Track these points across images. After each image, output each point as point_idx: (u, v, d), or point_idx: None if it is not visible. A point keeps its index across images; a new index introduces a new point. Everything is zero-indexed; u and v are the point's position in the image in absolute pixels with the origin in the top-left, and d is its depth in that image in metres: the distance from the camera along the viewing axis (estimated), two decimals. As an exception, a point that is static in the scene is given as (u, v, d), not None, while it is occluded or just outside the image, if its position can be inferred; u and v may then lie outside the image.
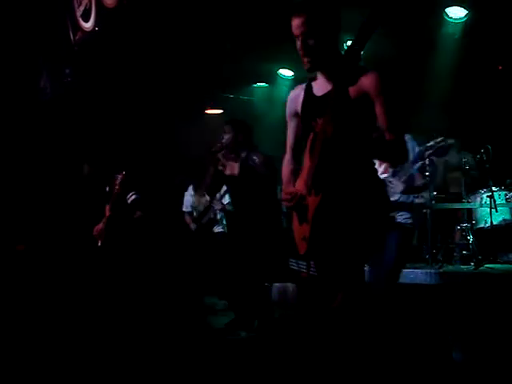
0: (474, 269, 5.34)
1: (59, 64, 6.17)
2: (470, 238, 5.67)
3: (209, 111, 8.41)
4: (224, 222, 6.37)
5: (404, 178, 4.23)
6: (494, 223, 5.67)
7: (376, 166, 2.95)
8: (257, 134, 7.64)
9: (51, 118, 6.42)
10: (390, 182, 4.19)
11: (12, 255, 6.11)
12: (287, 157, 3.07)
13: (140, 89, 7.05)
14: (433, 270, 4.88)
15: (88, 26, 5.56)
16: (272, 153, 6.76)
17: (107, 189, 5.82)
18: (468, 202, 5.95)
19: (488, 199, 5.63)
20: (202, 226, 6.51)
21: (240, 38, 6.72)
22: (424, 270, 4.97)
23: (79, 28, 5.66)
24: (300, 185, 2.79)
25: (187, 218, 6.66)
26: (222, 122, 5.65)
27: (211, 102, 8.13)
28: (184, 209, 6.70)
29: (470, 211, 6.01)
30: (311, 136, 2.71)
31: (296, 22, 2.76)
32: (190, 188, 6.74)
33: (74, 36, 5.74)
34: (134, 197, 5.73)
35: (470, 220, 5.91)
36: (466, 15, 6.30)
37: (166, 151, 7.13)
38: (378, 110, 2.68)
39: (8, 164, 6.35)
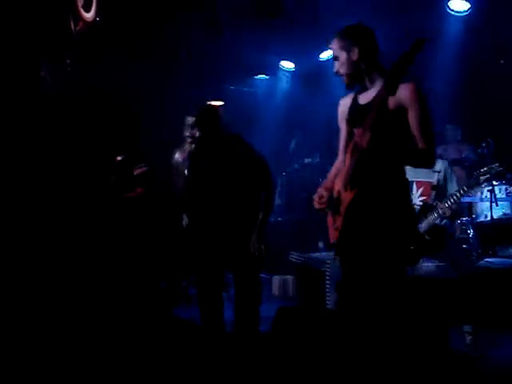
0: (473, 263, 5.34)
1: (60, 54, 6.15)
2: (470, 232, 5.66)
3: (210, 103, 8.38)
4: None
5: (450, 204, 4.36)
6: (495, 217, 5.66)
7: (413, 191, 4.05)
8: (258, 126, 7.66)
9: (52, 108, 6.40)
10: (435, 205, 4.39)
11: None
12: (339, 158, 3.35)
13: (141, 79, 7.03)
14: (432, 264, 4.88)
15: (89, 16, 5.53)
16: (272, 143, 6.78)
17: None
18: (468, 195, 5.94)
19: (488, 193, 5.62)
20: None
21: (241, 30, 6.71)
22: (424, 264, 4.97)
23: (80, 18, 5.63)
24: (338, 182, 3.16)
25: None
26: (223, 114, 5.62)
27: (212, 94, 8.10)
28: None
29: (470, 205, 6.00)
30: (351, 143, 3.05)
31: (335, 46, 3.12)
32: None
33: (75, 26, 5.72)
34: (143, 169, 5.68)
35: (470, 214, 5.90)
36: (468, 9, 6.29)
37: (165, 143, 7.10)
38: (412, 119, 2.93)
39: (9, 155, 6.34)
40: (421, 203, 4.51)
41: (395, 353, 2.94)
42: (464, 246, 5.67)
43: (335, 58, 3.13)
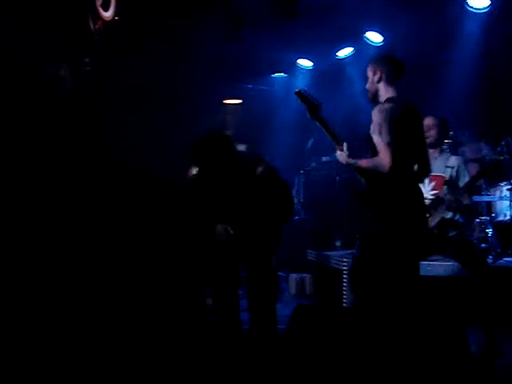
0: (492, 262, 5.31)
1: (79, 53, 6.20)
2: (489, 231, 5.62)
3: (227, 101, 8.39)
4: None
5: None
6: (514, 217, 5.63)
7: (425, 185, 4.37)
8: (275, 124, 7.66)
9: (72, 107, 6.45)
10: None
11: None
12: None
13: (159, 78, 7.06)
14: (450, 263, 4.85)
15: (108, 15, 5.58)
16: (290, 141, 6.78)
17: None
18: (487, 194, 5.90)
19: (508, 192, 5.59)
20: None
21: (259, 28, 6.71)
22: (441, 263, 4.95)
23: (99, 17, 5.68)
24: None
25: None
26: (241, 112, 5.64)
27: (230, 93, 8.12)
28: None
29: (489, 204, 5.96)
30: None
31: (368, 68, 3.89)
32: None
33: (94, 25, 5.76)
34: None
35: (489, 213, 5.86)
36: (488, 5, 6.24)
37: (184, 141, 7.12)
38: None
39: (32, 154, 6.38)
40: (432, 197, 4.51)
41: (412, 352, 2.93)
42: (483, 245, 5.63)
43: (367, 77, 3.89)
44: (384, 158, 3.53)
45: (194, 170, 5.87)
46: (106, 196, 6.48)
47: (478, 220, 5.80)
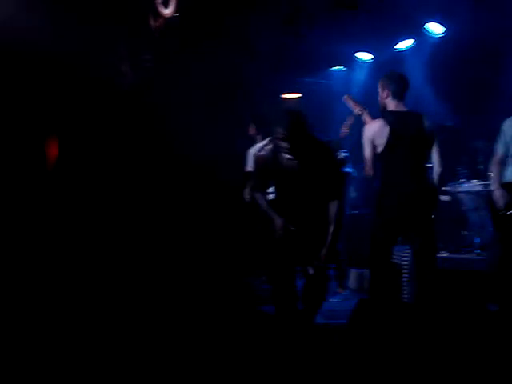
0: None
1: (140, 50, 6.31)
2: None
3: (286, 95, 8.40)
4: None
5: None
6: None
7: None
8: (333, 117, 7.60)
9: (133, 102, 6.56)
10: None
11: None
12: None
13: (219, 73, 7.12)
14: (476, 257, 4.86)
15: (168, 12, 5.66)
16: (348, 135, 6.69)
17: None
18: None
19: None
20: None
21: (318, 21, 6.68)
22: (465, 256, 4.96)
23: (159, 14, 5.77)
24: None
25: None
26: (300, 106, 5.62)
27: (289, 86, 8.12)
28: (249, 168, 6.56)
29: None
30: None
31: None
32: (254, 146, 6.55)
33: (155, 22, 5.86)
34: None
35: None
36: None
37: (243, 135, 7.16)
38: None
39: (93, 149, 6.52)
40: None
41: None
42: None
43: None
44: (366, 168, 4.37)
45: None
46: (167, 189, 6.59)
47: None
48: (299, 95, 8.49)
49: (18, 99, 5.98)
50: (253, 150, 6.38)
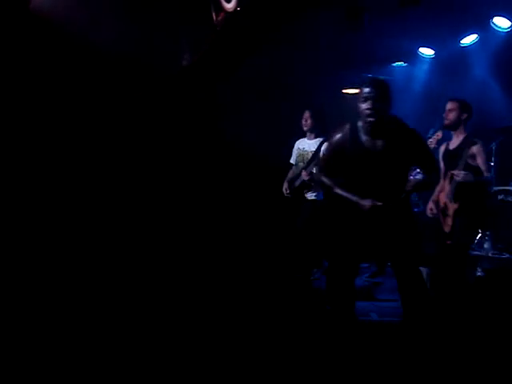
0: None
1: (201, 42, 6.38)
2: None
3: (347, 90, 8.33)
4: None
5: None
6: None
7: None
8: (395, 113, 7.50)
9: (191, 93, 6.66)
10: None
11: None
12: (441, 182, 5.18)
13: (278, 68, 7.14)
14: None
15: (230, 6, 5.68)
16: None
17: None
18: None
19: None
20: (294, 188, 6.31)
21: (381, 16, 6.60)
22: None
23: (221, 8, 5.80)
24: (443, 197, 5.19)
25: (290, 172, 6.49)
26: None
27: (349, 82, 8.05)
28: (291, 160, 6.59)
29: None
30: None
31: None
32: (302, 140, 6.50)
33: (217, 16, 5.89)
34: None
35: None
36: None
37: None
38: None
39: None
40: None
41: None
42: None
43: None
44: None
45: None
46: (211, 177, 6.65)
47: None
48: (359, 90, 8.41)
49: (80, 90, 6.16)
50: (300, 144, 6.39)
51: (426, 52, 8.04)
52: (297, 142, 6.45)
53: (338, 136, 3.92)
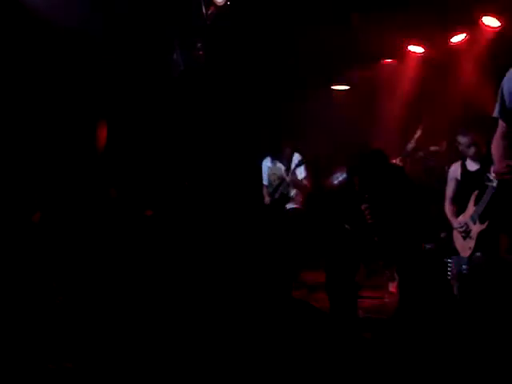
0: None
1: (191, 38, 6.34)
2: None
3: (335, 87, 8.33)
4: (296, 197, 6.29)
5: None
6: None
7: None
8: (383, 111, 7.52)
9: (184, 90, 6.61)
10: None
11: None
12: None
13: (267, 62, 7.11)
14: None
15: (220, 0, 5.66)
16: (398, 129, 6.64)
17: None
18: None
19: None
20: (275, 201, 6.41)
21: (369, 14, 6.60)
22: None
23: (211, 2, 5.78)
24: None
25: (264, 191, 6.61)
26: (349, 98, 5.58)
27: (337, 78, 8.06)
28: (263, 181, 6.64)
29: None
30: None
31: None
32: (268, 159, 6.63)
33: (207, 10, 5.87)
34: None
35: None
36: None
37: (288, 125, 7.16)
38: None
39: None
40: None
41: None
42: None
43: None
44: None
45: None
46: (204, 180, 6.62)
47: None
48: (348, 87, 8.43)
49: (70, 86, 6.09)
50: (268, 163, 6.53)
51: (415, 49, 8.05)
52: (264, 162, 6.59)
53: (335, 185, 4.36)
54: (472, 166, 5.18)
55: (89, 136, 5.73)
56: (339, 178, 6.17)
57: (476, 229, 4.90)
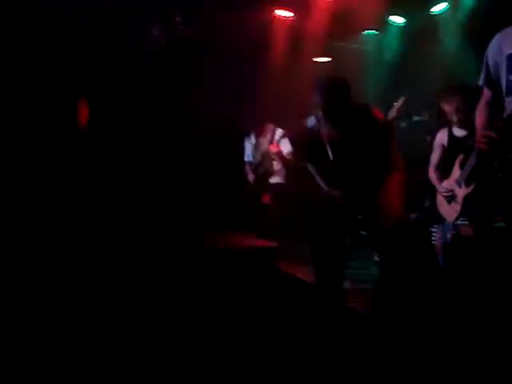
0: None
1: (171, 12, 6.28)
2: None
3: (317, 59, 8.29)
4: (280, 172, 6.37)
5: None
6: None
7: None
8: (366, 83, 7.50)
9: (164, 65, 6.55)
10: None
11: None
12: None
13: (248, 35, 7.05)
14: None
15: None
16: (380, 100, 6.62)
17: None
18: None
19: None
20: (258, 177, 6.48)
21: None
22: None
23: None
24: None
25: (247, 168, 6.66)
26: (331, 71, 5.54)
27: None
28: (245, 158, 6.69)
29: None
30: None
31: None
32: (252, 136, 6.66)
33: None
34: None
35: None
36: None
37: (271, 98, 7.13)
38: None
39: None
40: None
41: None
42: None
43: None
44: None
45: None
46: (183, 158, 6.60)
47: None
48: (330, 59, 8.39)
49: (48, 63, 6.01)
50: (252, 140, 6.55)
51: (397, 20, 8.02)
52: (247, 139, 6.60)
53: (305, 127, 4.10)
54: (459, 132, 5.19)
55: (70, 114, 5.69)
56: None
57: (462, 192, 4.89)
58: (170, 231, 5.64)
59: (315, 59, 8.22)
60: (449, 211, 5.03)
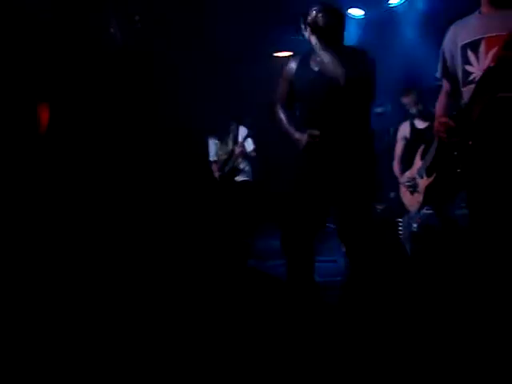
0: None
1: (129, 11, 6.21)
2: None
3: (277, 54, 8.29)
4: (246, 170, 6.40)
5: None
6: None
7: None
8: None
9: (122, 64, 6.47)
10: None
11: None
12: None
13: (208, 31, 7.01)
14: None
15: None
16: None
17: None
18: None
19: None
20: (225, 175, 6.52)
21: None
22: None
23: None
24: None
25: (213, 167, 6.69)
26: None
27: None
28: (210, 157, 6.71)
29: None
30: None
31: None
32: (215, 136, 6.71)
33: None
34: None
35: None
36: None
37: (231, 95, 7.11)
38: None
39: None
40: None
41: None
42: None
43: None
44: None
45: None
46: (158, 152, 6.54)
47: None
48: (291, 53, 8.38)
49: (7, 63, 5.89)
50: (215, 139, 6.58)
51: (356, 13, 8.06)
52: (211, 138, 6.61)
53: (290, 65, 3.96)
54: (420, 124, 5.27)
55: (30, 118, 5.58)
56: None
57: (423, 183, 4.98)
58: (134, 233, 5.61)
59: (275, 54, 8.22)
60: (412, 202, 5.09)
